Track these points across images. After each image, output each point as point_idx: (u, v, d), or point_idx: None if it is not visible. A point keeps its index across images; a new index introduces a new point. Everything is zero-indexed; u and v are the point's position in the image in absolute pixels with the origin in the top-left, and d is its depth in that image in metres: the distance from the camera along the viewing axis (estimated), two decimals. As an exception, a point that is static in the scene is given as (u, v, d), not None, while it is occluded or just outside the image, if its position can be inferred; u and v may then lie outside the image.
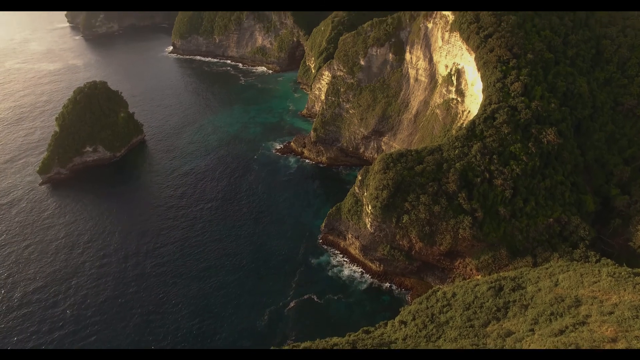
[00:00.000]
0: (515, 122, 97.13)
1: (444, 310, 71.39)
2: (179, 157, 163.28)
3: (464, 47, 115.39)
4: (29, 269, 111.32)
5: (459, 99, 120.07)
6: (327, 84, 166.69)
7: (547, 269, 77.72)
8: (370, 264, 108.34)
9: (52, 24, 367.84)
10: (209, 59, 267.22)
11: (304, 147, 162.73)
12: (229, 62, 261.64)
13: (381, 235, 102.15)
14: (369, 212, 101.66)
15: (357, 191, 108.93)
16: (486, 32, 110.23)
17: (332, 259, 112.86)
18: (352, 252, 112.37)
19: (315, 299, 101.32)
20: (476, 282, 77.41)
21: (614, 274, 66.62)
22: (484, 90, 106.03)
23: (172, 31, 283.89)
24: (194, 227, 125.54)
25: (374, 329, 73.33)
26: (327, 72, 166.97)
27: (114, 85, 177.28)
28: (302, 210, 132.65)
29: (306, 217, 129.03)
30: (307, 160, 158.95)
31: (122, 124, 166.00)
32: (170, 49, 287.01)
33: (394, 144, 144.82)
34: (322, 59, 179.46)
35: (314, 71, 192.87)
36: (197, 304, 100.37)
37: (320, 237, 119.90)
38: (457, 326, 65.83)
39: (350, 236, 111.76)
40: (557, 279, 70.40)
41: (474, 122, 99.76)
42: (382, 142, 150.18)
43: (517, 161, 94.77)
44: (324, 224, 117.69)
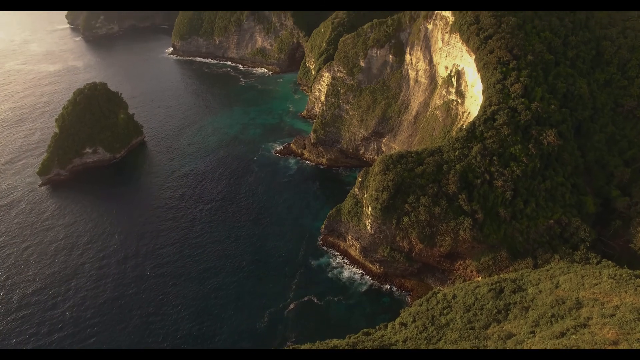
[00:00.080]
0: (515, 124, 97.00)
1: (445, 312, 71.12)
2: (178, 158, 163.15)
3: (464, 48, 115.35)
4: (28, 271, 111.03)
5: (459, 100, 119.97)
6: (327, 85, 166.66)
7: (547, 270, 77.49)
8: (370, 266, 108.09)
9: (52, 25, 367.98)
10: (209, 60, 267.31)
11: (304, 148, 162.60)
12: (229, 63, 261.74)
13: (381, 236, 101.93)
14: (369, 213, 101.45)
15: (357, 192, 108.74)
16: (486, 34, 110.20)
17: (332, 261, 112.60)
18: (352, 253, 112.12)
19: (315, 300, 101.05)
20: (476, 284, 77.15)
21: (615, 275, 66.40)
22: (484, 91, 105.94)
23: (172, 32, 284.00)
24: (193, 228, 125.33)
25: (374, 330, 73.07)
26: (327, 74, 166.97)
27: (114, 86, 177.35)
28: (302, 211, 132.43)
29: (306, 219, 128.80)
30: (307, 161, 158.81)
31: (122, 125, 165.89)
32: (170, 50, 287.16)
33: (394, 145, 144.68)
34: (322, 60, 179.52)
35: (314, 72, 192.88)
36: (197, 305, 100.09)
37: (320, 238, 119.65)
38: (457, 328, 65.56)
39: (350, 238, 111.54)
40: (558, 281, 70.16)
41: (474, 123, 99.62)
42: (382, 144, 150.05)
43: (518, 162, 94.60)
44: (324, 226, 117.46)
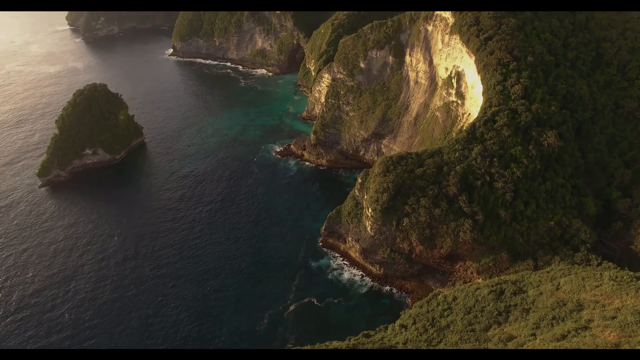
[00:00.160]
0: (515, 125, 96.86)
1: (445, 314, 70.85)
2: (178, 159, 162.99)
3: (464, 49, 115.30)
4: (27, 272, 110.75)
5: (459, 101, 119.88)
6: (327, 86, 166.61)
7: (548, 272, 77.22)
8: (370, 267, 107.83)
9: (52, 26, 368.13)
10: (209, 62, 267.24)
11: (304, 149, 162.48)
12: (229, 64, 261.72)
13: (381, 238, 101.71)
14: (369, 215, 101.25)
15: (357, 194, 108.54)
16: (486, 35, 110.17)
17: (332, 262, 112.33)
18: (352, 255, 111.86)
19: (315, 302, 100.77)
20: (477, 286, 76.88)
21: (616, 277, 66.13)
22: (484, 92, 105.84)
23: (172, 34, 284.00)
24: (193, 229, 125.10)
25: (374, 332, 72.79)
26: (327, 75, 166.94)
27: (114, 87, 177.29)
28: (302, 213, 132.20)
29: (306, 220, 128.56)
30: (307, 162, 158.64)
31: (122, 126, 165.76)
32: (170, 51, 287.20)
33: (394, 146, 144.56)
34: (322, 62, 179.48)
35: (314, 74, 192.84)
36: (196, 307, 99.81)
37: (320, 240, 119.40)
38: (458, 330, 65.29)
39: (350, 239, 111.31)
40: (559, 283, 69.90)
41: (474, 124, 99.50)
42: (382, 145, 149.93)
43: (518, 164, 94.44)
44: (323, 227, 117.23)
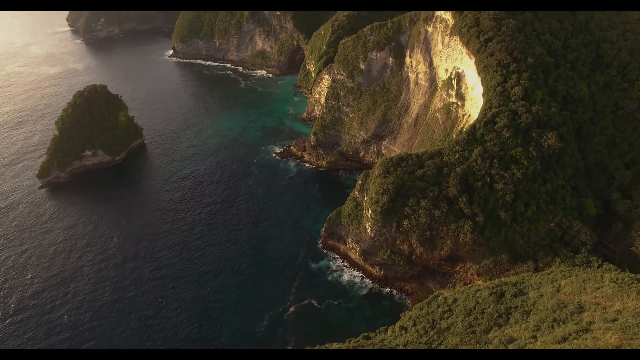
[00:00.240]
0: (515, 126, 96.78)
1: (445, 316, 70.65)
2: (178, 160, 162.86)
3: (464, 51, 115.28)
4: (26, 274, 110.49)
5: (459, 103, 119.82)
6: (327, 87, 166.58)
7: (548, 274, 77.05)
8: (370, 269, 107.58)
9: (52, 27, 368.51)
10: (209, 63, 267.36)
11: (304, 150, 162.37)
12: (229, 65, 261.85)
13: (381, 239, 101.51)
14: (369, 216, 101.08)
15: (357, 195, 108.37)
16: (486, 36, 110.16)
17: (332, 264, 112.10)
18: (352, 256, 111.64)
19: (315, 304, 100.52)
20: (477, 288, 76.68)
21: (617, 279, 65.92)
22: (484, 94, 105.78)
23: (173, 35, 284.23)
24: (192, 231, 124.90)
25: (374, 334, 72.55)
26: (327, 76, 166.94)
27: (114, 88, 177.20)
28: (302, 214, 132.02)
29: (306, 221, 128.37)
30: (307, 164, 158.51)
31: (122, 127, 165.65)
32: (170, 52, 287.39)
33: (394, 147, 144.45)
34: (322, 63, 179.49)
35: (314, 75, 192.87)
36: (196, 308, 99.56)
37: (320, 241, 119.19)
38: (458, 332, 65.08)
39: (350, 240, 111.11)
40: (559, 285, 69.70)
41: (474, 126, 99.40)
42: (382, 146, 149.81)
43: (518, 165, 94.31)
44: (323, 229, 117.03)
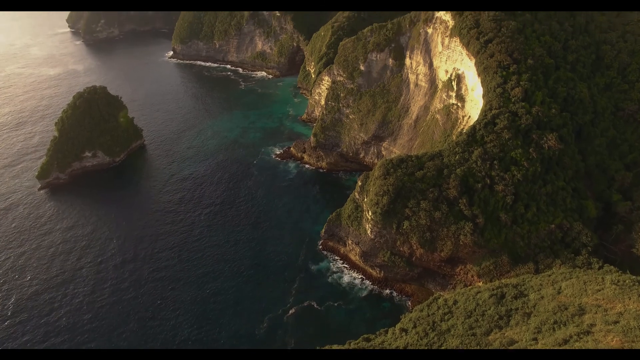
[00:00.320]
0: (516, 128, 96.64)
1: (446, 317, 70.30)
2: (178, 161, 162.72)
3: (464, 52, 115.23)
4: (25, 276, 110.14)
5: (459, 104, 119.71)
6: (327, 89, 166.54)
7: (549, 276, 76.78)
8: (370, 270, 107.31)
9: (53, 29, 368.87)
10: (209, 64, 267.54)
11: (304, 152, 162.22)
12: (229, 67, 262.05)
13: (381, 241, 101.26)
14: (369, 218, 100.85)
15: (357, 197, 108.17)
16: (486, 38, 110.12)
17: (332, 265, 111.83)
18: (352, 258, 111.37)
19: (315, 305, 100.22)
20: (478, 289, 76.40)
21: (618, 281, 65.65)
22: (484, 95, 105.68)
23: (173, 36, 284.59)
24: (192, 232, 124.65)
25: (374, 336, 72.18)
26: (327, 77, 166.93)
27: (114, 90, 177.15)
28: (302, 215, 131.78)
29: (306, 223, 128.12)
30: (306, 165, 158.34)
31: (122, 128, 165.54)
32: (170, 53, 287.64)
33: (394, 149, 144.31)
34: (322, 64, 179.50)
35: (313, 76, 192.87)
36: (195, 310, 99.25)
37: (320, 243, 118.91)
38: (458, 334, 64.73)
39: (350, 242, 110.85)
40: (560, 287, 69.42)
41: (474, 127, 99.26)
42: (382, 148, 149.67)
43: (518, 167, 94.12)
44: (323, 230, 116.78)
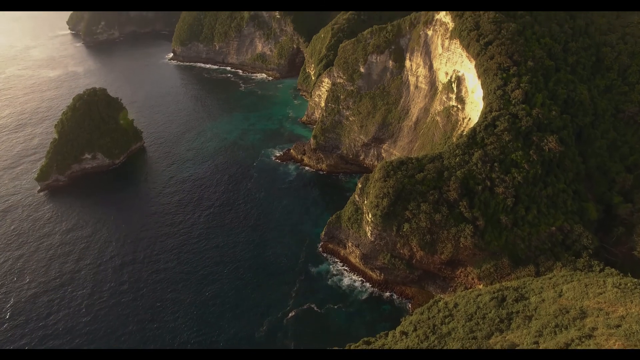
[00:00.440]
0: (516, 130, 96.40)
1: (446, 320, 69.94)
2: (177, 163, 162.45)
3: (464, 54, 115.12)
4: (23, 278, 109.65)
5: (460, 106, 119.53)
6: (327, 91, 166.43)
7: (550, 278, 76.45)
8: (370, 273, 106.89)
9: (53, 31, 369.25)
10: (209, 66, 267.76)
11: (304, 154, 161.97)
12: (229, 68, 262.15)
13: (381, 243, 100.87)
14: (369, 220, 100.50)
15: (357, 199, 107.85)
16: (486, 40, 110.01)
17: (332, 268, 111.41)
18: (353, 260, 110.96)
19: (315, 308, 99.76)
20: (478, 292, 76.04)
21: (620, 284, 65.27)
22: (484, 97, 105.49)
23: (173, 38, 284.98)
24: (191, 234, 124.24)
25: (374, 339, 71.90)
26: (327, 79, 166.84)
27: (114, 92, 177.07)
28: (302, 217, 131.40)
29: (306, 225, 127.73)
30: (306, 167, 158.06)
31: (122, 130, 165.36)
32: (170, 55, 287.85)
33: (394, 151, 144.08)
34: (322, 66, 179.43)
35: (313, 78, 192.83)
36: (194, 312, 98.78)
37: (320, 245, 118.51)
38: (459, 338, 64.33)
39: (350, 244, 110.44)
40: (561, 290, 69.06)
41: (474, 129, 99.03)
42: (382, 150, 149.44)
43: (519, 169, 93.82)
44: (323, 232, 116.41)
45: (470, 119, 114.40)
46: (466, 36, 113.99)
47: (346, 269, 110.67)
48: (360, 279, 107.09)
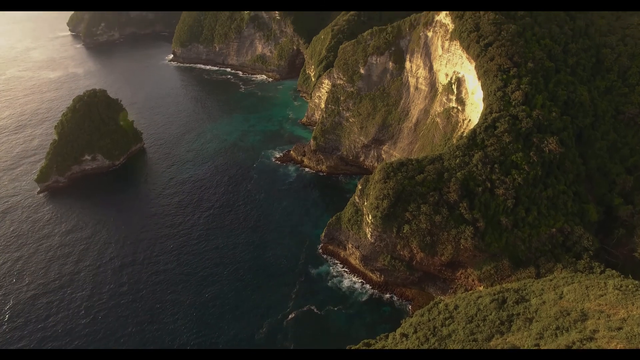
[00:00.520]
0: (516, 131, 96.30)
1: (446, 323, 69.71)
2: (177, 165, 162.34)
3: (464, 55, 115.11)
4: (22, 280, 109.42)
5: (460, 107, 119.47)
6: (327, 92, 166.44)
7: (551, 280, 76.21)
8: (370, 275, 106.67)
9: (53, 32, 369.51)
10: (209, 67, 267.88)
11: (304, 155, 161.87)
12: (229, 70, 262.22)
13: (382, 245, 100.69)
14: (369, 221, 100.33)
15: (357, 200, 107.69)
16: (486, 41, 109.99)
17: (332, 269, 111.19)
18: (353, 262, 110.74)
19: (314, 310, 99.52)
20: (479, 294, 75.81)
21: (621, 286, 65.04)
22: (484, 99, 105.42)
23: (173, 39, 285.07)
24: (191, 235, 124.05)
25: (374, 341, 71.72)
26: (327, 81, 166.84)
27: (115, 93, 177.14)
28: (302, 219, 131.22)
29: (306, 227, 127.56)
30: (306, 168, 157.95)
31: (121, 132, 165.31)
32: (170, 57, 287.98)
33: (394, 152, 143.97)
34: (322, 67, 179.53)
35: (313, 79, 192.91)
36: (194, 314, 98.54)
37: (320, 246, 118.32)
38: (459, 340, 64.12)
39: (350, 246, 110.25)
40: (562, 292, 68.83)
41: (474, 131, 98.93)
42: (383, 151, 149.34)
43: (519, 170, 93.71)
44: (323, 234, 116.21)
45: (470, 120, 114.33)
46: (466, 37, 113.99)
47: (346, 270, 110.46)
48: (360, 281, 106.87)
